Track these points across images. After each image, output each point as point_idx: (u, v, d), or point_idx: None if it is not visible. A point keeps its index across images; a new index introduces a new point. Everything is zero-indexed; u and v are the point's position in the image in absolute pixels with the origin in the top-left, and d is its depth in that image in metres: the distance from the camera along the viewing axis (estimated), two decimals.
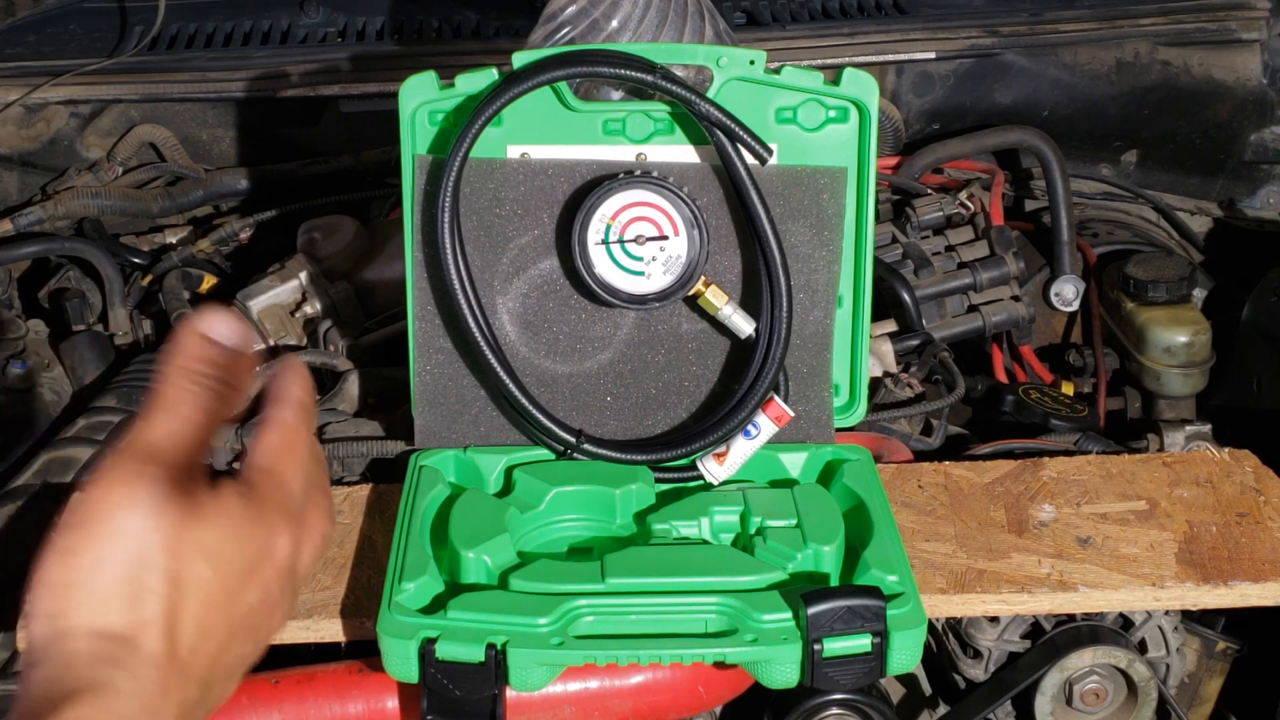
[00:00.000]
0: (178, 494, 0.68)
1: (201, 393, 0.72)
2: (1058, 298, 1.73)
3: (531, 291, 1.33)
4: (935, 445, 1.49)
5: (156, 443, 0.69)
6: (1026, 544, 1.26)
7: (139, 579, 0.66)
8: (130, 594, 0.66)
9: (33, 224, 1.84)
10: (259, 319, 1.67)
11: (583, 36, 1.37)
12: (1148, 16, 1.94)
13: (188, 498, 0.69)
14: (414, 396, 1.34)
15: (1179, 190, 1.99)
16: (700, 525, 1.24)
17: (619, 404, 1.34)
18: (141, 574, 0.66)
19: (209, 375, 0.73)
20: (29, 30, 2.03)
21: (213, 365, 0.73)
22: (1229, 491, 1.32)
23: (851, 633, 1.09)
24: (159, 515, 0.67)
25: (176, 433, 0.70)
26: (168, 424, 0.70)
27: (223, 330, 0.74)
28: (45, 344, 1.75)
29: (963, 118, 1.92)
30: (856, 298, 1.36)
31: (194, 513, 0.69)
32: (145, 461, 0.68)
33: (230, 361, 0.74)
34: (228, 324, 0.75)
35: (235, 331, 0.75)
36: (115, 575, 0.66)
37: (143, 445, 0.69)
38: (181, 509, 0.68)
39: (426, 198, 1.29)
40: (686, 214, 1.28)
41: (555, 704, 1.20)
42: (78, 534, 0.67)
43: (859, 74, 1.30)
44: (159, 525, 0.67)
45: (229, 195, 1.94)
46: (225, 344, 0.74)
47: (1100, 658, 1.30)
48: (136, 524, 0.67)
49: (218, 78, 1.91)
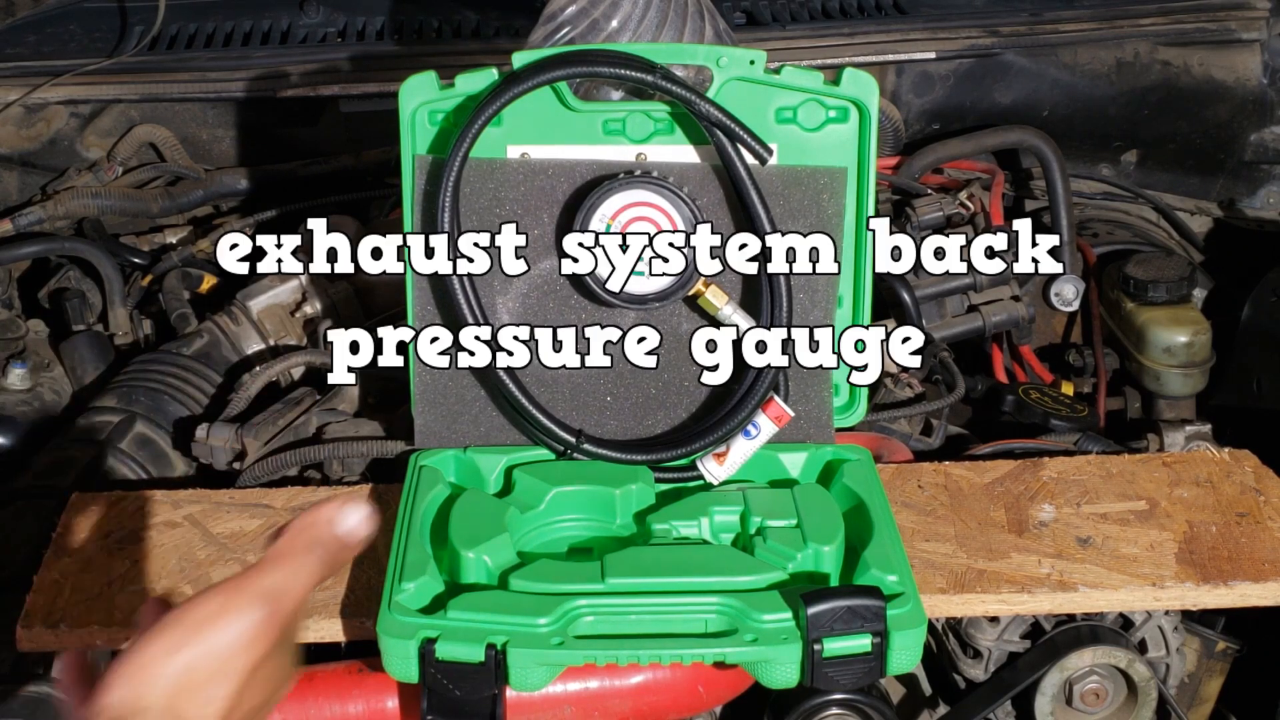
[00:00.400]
0: (265, 630, 0.82)
1: (316, 561, 0.86)
2: (1058, 298, 1.73)
3: (531, 291, 1.33)
4: (935, 445, 1.49)
5: (269, 588, 0.83)
6: (1026, 544, 1.26)
7: (214, 685, 0.80)
8: (206, 694, 0.80)
9: (33, 224, 1.84)
10: (259, 319, 1.67)
11: (583, 36, 1.37)
12: (1148, 16, 1.94)
13: (268, 637, 0.83)
14: (414, 396, 1.34)
15: (1179, 190, 1.99)
16: (700, 525, 1.24)
17: (619, 404, 1.34)
18: (218, 682, 0.80)
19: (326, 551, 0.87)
20: (29, 30, 2.03)
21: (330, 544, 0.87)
22: (1229, 491, 1.32)
23: (851, 633, 1.09)
24: (252, 644, 0.82)
25: (288, 587, 0.84)
26: (283, 577, 0.84)
27: (354, 522, 0.88)
28: (45, 344, 1.75)
29: (963, 118, 1.92)
30: (856, 298, 1.36)
31: (269, 649, 0.83)
32: (257, 598, 0.83)
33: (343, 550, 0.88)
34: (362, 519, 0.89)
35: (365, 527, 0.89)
36: (202, 675, 0.80)
37: (260, 586, 0.83)
38: (264, 646, 0.82)
39: (426, 198, 1.29)
40: (686, 214, 1.28)
41: (555, 704, 1.20)
42: (185, 632, 0.80)
43: (859, 74, 1.30)
44: (248, 651, 0.81)
45: (229, 195, 1.95)
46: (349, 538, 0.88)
47: (1100, 658, 1.30)
48: (232, 642, 0.81)
49: (218, 78, 1.91)
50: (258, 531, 1.29)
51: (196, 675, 0.80)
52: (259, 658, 0.82)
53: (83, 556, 1.26)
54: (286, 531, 0.87)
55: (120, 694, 0.79)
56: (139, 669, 0.79)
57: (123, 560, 1.26)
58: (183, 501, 1.34)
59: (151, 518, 1.31)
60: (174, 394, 1.57)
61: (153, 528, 1.30)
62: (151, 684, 0.79)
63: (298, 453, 1.42)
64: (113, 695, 0.79)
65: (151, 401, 1.54)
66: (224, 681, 0.81)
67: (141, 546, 1.28)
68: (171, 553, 1.27)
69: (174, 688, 0.79)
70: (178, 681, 0.79)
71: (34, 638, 1.19)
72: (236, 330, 1.66)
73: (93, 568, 1.25)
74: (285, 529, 0.88)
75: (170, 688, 0.79)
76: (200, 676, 0.80)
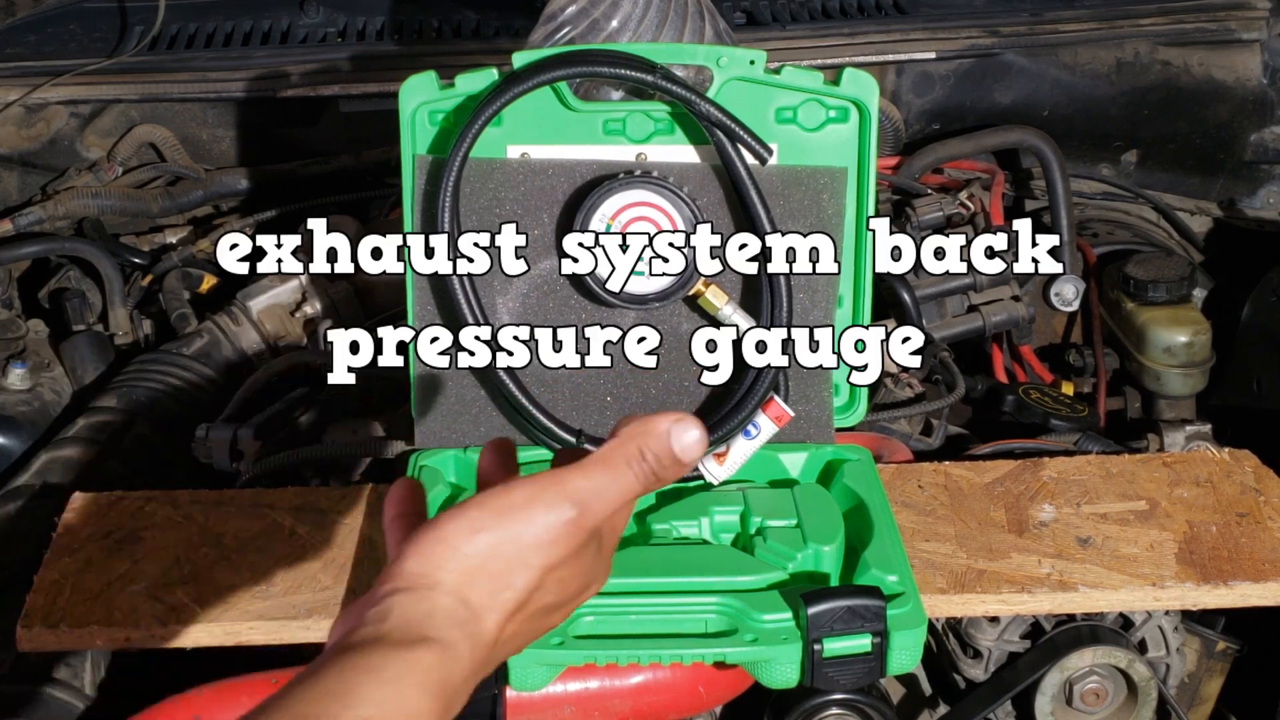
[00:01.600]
0: (571, 531, 0.79)
1: (641, 475, 0.82)
2: (1058, 298, 1.73)
3: (531, 291, 1.33)
4: (935, 445, 1.49)
5: (583, 490, 0.80)
6: (1026, 544, 1.26)
7: (510, 574, 0.78)
8: (500, 583, 0.78)
9: (33, 224, 1.84)
10: (259, 319, 1.67)
11: (583, 36, 1.37)
12: (1148, 16, 1.94)
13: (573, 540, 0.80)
14: (414, 397, 1.34)
15: (1179, 190, 1.98)
16: (700, 525, 1.24)
17: (619, 404, 1.34)
18: (514, 572, 0.78)
19: (654, 467, 0.82)
20: (29, 30, 2.02)
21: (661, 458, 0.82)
22: (1229, 491, 1.32)
23: (851, 633, 1.09)
24: (554, 543, 0.79)
25: (603, 493, 0.81)
26: (601, 483, 0.81)
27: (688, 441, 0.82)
28: (45, 344, 1.75)
29: (963, 118, 1.92)
30: (856, 298, 1.36)
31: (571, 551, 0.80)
32: (568, 497, 0.79)
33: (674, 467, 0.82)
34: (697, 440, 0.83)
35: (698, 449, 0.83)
36: (499, 563, 0.77)
37: (574, 485, 0.80)
38: (566, 547, 0.80)
39: (426, 198, 1.29)
40: (686, 214, 1.28)
41: (555, 704, 1.20)
42: (490, 515, 0.78)
43: (859, 74, 1.30)
44: (549, 548, 0.79)
45: (229, 195, 1.94)
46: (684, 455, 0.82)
47: (1100, 658, 1.30)
48: (535, 536, 0.78)
49: (218, 78, 1.91)
50: (258, 531, 1.29)
51: (493, 561, 0.77)
52: (560, 558, 0.79)
53: (83, 556, 1.26)
54: (616, 436, 0.83)
55: (415, 563, 0.77)
56: (437, 542, 0.77)
57: (123, 560, 1.26)
58: (183, 501, 1.34)
59: (151, 518, 1.31)
60: (174, 394, 1.57)
61: (153, 528, 1.30)
62: (448, 559, 0.77)
63: (298, 452, 1.42)
64: (407, 563, 0.77)
65: (151, 401, 1.54)
66: (520, 573, 0.78)
67: (141, 546, 1.28)
68: (171, 553, 1.27)
69: (468, 569, 0.77)
70: (473, 563, 0.77)
71: (34, 638, 1.19)
72: (236, 330, 1.66)
73: (93, 568, 1.25)
74: (617, 431, 0.83)
75: (464, 568, 0.77)
76: (497, 563, 0.77)
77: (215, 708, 1.16)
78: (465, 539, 0.77)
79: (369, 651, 0.73)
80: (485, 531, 0.77)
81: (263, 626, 1.19)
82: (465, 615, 0.76)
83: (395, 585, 0.76)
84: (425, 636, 0.74)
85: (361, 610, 0.76)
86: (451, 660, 0.75)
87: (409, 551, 0.78)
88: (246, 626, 1.19)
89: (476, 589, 0.77)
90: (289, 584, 1.23)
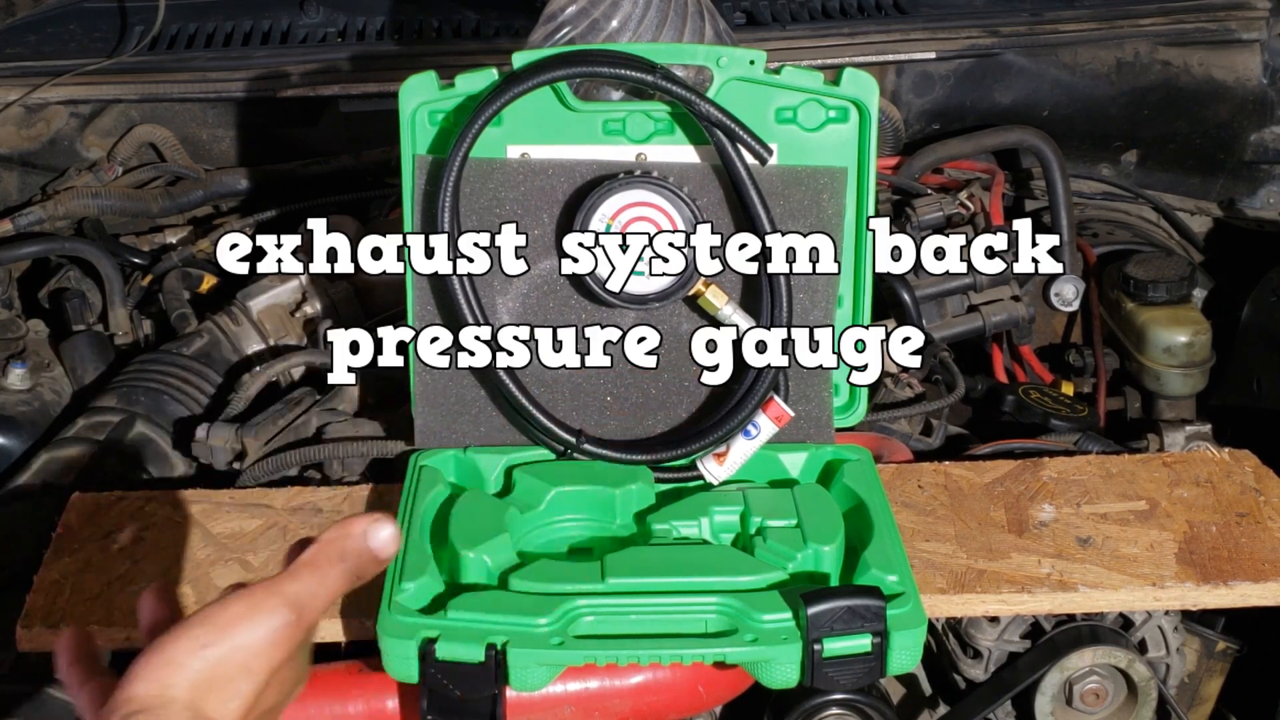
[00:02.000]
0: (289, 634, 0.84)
1: (345, 574, 0.88)
2: (1058, 298, 1.73)
3: (531, 291, 1.33)
4: (935, 445, 1.49)
5: (297, 594, 0.85)
6: (1026, 544, 1.26)
7: (237, 682, 0.82)
8: (229, 692, 0.81)
9: (33, 224, 1.84)
10: (259, 319, 1.67)
11: (583, 36, 1.37)
12: (1148, 16, 1.94)
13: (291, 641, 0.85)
14: (414, 396, 1.34)
15: (1179, 190, 1.99)
16: (700, 525, 1.24)
17: (619, 404, 1.34)
18: (241, 679, 0.82)
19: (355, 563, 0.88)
20: (29, 30, 2.03)
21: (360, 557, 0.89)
22: (1229, 491, 1.32)
23: (851, 633, 1.09)
24: (275, 646, 0.83)
25: (316, 593, 0.86)
26: (311, 585, 0.86)
27: (384, 538, 0.89)
28: (45, 344, 1.75)
29: (963, 118, 1.92)
30: (856, 298, 1.36)
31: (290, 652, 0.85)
32: (285, 603, 0.84)
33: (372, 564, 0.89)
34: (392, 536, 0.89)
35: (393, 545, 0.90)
36: (226, 673, 0.81)
37: (288, 591, 0.85)
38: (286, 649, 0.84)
39: (426, 198, 1.29)
40: (686, 214, 1.28)
41: (555, 704, 1.20)
42: (212, 630, 0.82)
43: (859, 74, 1.30)
44: (271, 652, 0.83)
45: (229, 195, 1.94)
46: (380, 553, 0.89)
47: (1100, 658, 1.30)
48: (257, 643, 0.83)
49: (218, 78, 1.91)
50: (258, 531, 1.29)
51: (221, 672, 0.81)
52: (281, 660, 0.84)
53: (83, 556, 1.26)
54: (317, 541, 0.89)
55: (145, 687, 0.80)
56: (165, 663, 0.80)
57: (123, 560, 1.26)
58: (183, 501, 1.34)
59: (151, 518, 1.31)
60: (174, 394, 1.57)
61: (153, 528, 1.30)
62: (177, 678, 0.80)
63: (298, 453, 1.42)
64: (136, 688, 0.79)
65: (151, 401, 1.54)
66: (247, 680, 0.82)
67: (141, 546, 1.28)
68: (171, 553, 1.27)
69: (199, 683, 0.80)
70: (203, 677, 0.80)
71: (34, 638, 1.19)
72: (236, 330, 1.66)
73: (93, 568, 1.25)
74: (315, 539, 0.89)
75: (195, 683, 0.80)
76: (225, 674, 0.81)
77: None
78: (192, 655, 0.81)
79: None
80: (211, 646, 0.81)
81: None
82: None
83: (129, 710, 0.79)
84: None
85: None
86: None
87: (138, 675, 0.80)
88: None
89: (209, 701, 0.80)
90: None
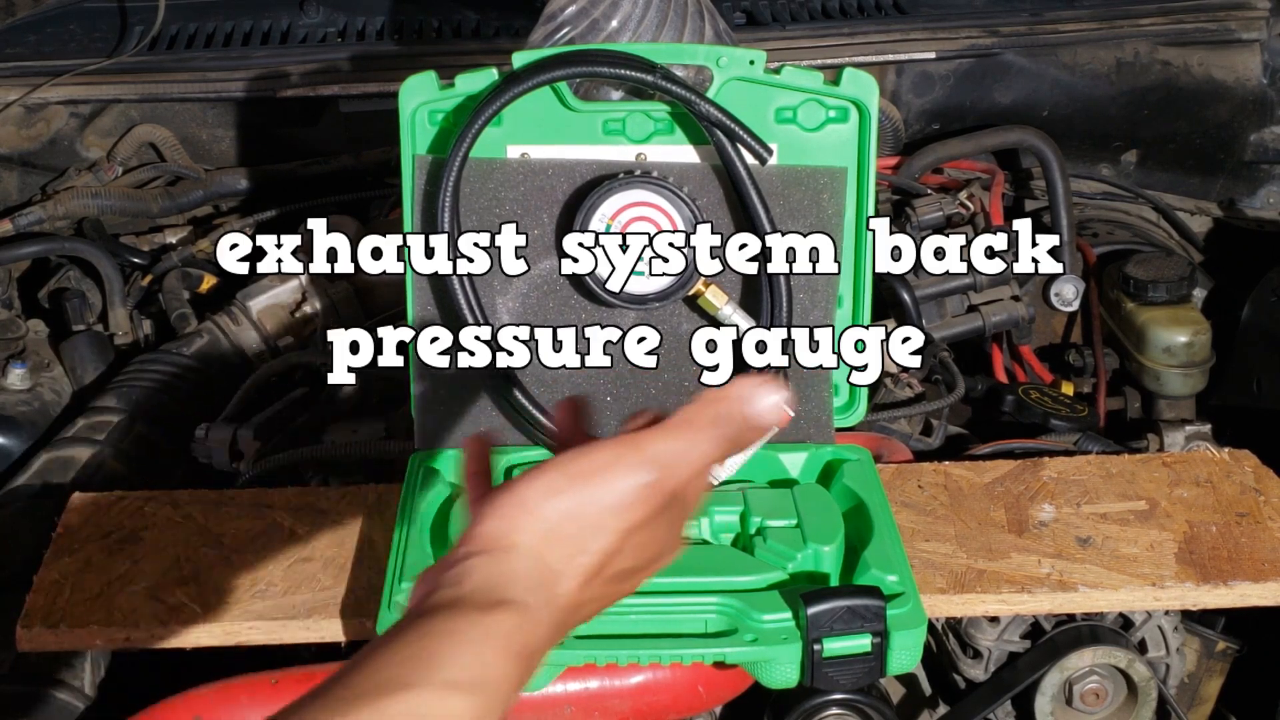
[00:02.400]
0: (649, 495, 0.79)
1: (720, 440, 0.81)
2: (1058, 298, 1.73)
3: (531, 291, 1.33)
4: (935, 445, 1.49)
5: (663, 453, 0.80)
6: (1026, 544, 1.26)
7: (587, 538, 0.77)
8: (577, 547, 0.77)
9: (33, 224, 1.84)
10: (259, 319, 1.67)
11: (583, 36, 1.37)
12: (1148, 16, 1.94)
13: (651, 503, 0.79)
14: (414, 397, 1.34)
15: (1179, 190, 1.98)
16: (700, 525, 1.24)
17: (619, 404, 1.34)
18: (592, 536, 0.77)
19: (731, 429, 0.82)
20: (29, 30, 2.02)
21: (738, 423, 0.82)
22: (1229, 491, 1.32)
23: (851, 633, 1.09)
24: (632, 507, 0.78)
25: (683, 456, 0.80)
26: (681, 446, 0.80)
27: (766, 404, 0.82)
28: (45, 344, 1.75)
29: (963, 118, 1.92)
30: (856, 298, 1.36)
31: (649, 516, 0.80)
32: (648, 460, 0.79)
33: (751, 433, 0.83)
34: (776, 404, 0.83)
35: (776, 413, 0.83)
36: (576, 527, 0.77)
37: (654, 449, 0.79)
38: (644, 511, 0.79)
39: (426, 198, 1.29)
40: (686, 214, 1.28)
41: (555, 704, 1.20)
42: (568, 478, 0.78)
43: (859, 74, 1.30)
44: (627, 512, 0.78)
45: (229, 195, 1.94)
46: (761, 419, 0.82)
47: (1100, 658, 1.30)
48: (613, 500, 0.78)
49: (218, 78, 1.91)
50: (258, 531, 1.29)
51: (571, 524, 0.77)
52: (638, 521, 0.79)
53: (83, 556, 1.26)
54: (696, 401, 0.82)
55: (494, 525, 0.77)
56: (517, 505, 0.77)
57: (123, 560, 1.26)
58: (183, 501, 1.34)
59: (151, 518, 1.31)
60: (174, 394, 1.57)
61: (153, 528, 1.30)
62: (526, 522, 0.77)
63: (298, 453, 1.42)
64: (486, 525, 0.77)
65: (151, 401, 1.54)
66: (597, 537, 0.78)
67: (141, 546, 1.28)
68: (171, 553, 1.27)
69: (547, 532, 0.77)
70: (552, 526, 0.77)
71: (34, 638, 1.19)
72: (236, 330, 1.66)
73: (93, 568, 1.25)
74: (698, 397, 0.83)
75: (543, 531, 0.77)
76: (575, 526, 0.77)
77: (215, 708, 1.16)
78: (543, 502, 0.77)
79: (449, 615, 0.73)
80: (563, 495, 0.77)
81: (262, 626, 1.19)
82: (544, 578, 0.76)
83: (473, 548, 0.76)
84: (504, 599, 0.74)
85: (439, 573, 0.76)
86: (531, 624, 0.75)
87: (487, 513, 0.77)
88: (246, 626, 1.19)
89: (554, 552, 0.77)
90: (289, 584, 1.23)
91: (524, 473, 0.79)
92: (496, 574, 0.75)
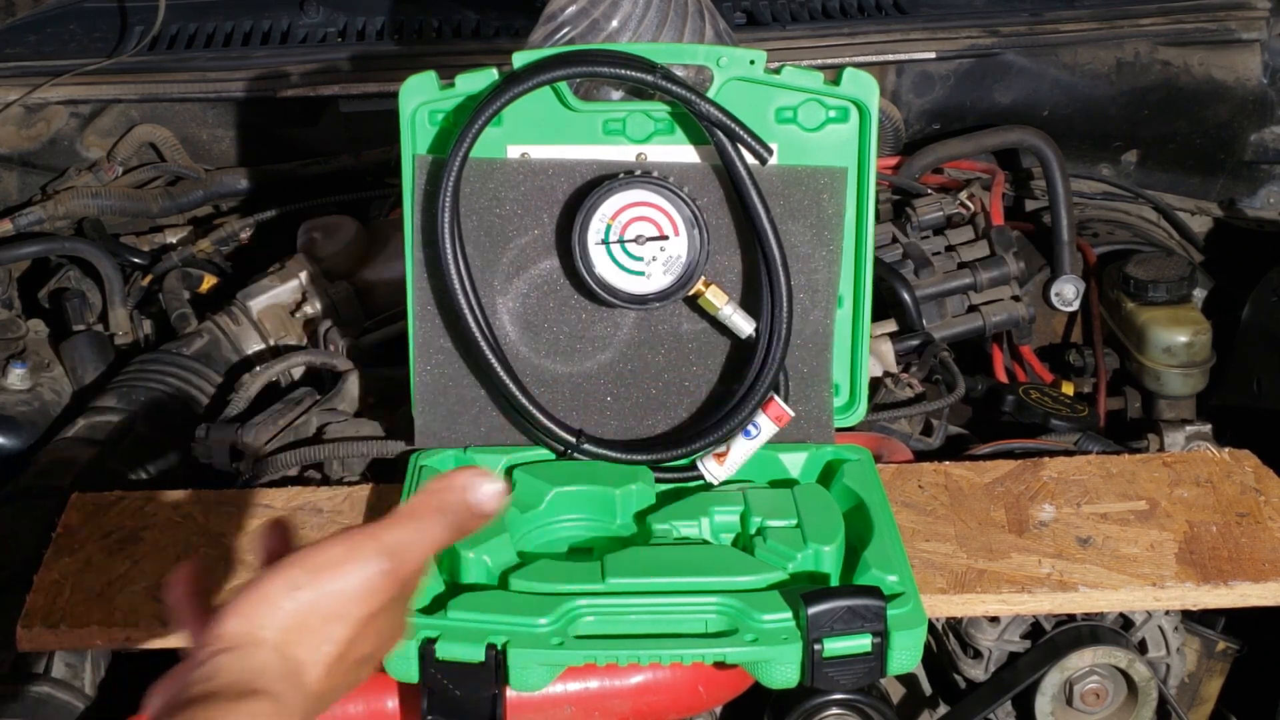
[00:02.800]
0: (385, 583, 0.83)
1: (444, 524, 0.86)
2: (1058, 298, 1.74)
3: (531, 291, 1.33)
4: (935, 445, 1.49)
5: (395, 542, 0.84)
6: (1026, 544, 1.26)
7: (330, 628, 0.81)
8: (321, 637, 0.81)
9: (33, 224, 1.84)
10: (259, 319, 1.67)
11: (583, 36, 1.37)
12: (1148, 16, 1.94)
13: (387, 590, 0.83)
14: (414, 396, 1.34)
15: (1179, 190, 1.99)
16: (700, 525, 1.24)
17: (619, 404, 1.34)
18: (333, 625, 0.81)
19: (456, 517, 0.87)
20: (29, 30, 2.03)
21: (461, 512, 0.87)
22: (1229, 491, 1.32)
23: (851, 633, 1.09)
24: (370, 594, 0.82)
25: (414, 544, 0.85)
26: (410, 535, 0.85)
27: (486, 493, 0.88)
28: (45, 344, 1.75)
29: (963, 118, 1.92)
30: (857, 298, 1.36)
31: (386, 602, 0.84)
32: (383, 549, 0.83)
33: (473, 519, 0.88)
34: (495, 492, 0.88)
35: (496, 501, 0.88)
36: (319, 618, 0.81)
37: (386, 538, 0.84)
38: (382, 598, 0.83)
39: (426, 198, 1.29)
40: (686, 214, 1.28)
41: (555, 704, 1.20)
42: (308, 573, 0.81)
43: (859, 74, 1.30)
44: (366, 600, 0.82)
45: (229, 195, 1.95)
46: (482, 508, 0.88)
47: (1100, 658, 1.30)
48: (353, 589, 0.82)
49: (218, 78, 1.91)
50: (258, 531, 1.29)
51: (313, 616, 0.80)
52: (375, 609, 0.83)
53: (83, 556, 1.26)
54: (420, 491, 0.88)
55: (237, 624, 0.79)
56: (259, 601, 0.80)
57: (123, 560, 1.26)
58: (183, 501, 1.34)
59: (151, 518, 1.31)
60: (174, 394, 1.57)
61: (153, 528, 1.30)
62: (269, 618, 0.79)
63: (298, 453, 1.42)
64: (229, 624, 0.79)
65: (151, 401, 1.54)
66: (339, 626, 0.81)
67: (141, 546, 1.28)
68: (171, 553, 1.27)
69: (290, 625, 0.80)
70: (294, 619, 0.80)
71: (34, 638, 1.19)
72: (236, 330, 1.66)
73: (93, 568, 1.25)
74: (421, 488, 0.87)
75: (287, 624, 0.80)
76: (317, 618, 0.80)
77: None
78: (286, 596, 0.80)
79: (204, 707, 0.75)
80: (305, 588, 0.80)
81: None
82: (291, 670, 0.79)
83: (219, 646, 0.79)
84: (255, 690, 0.77)
85: (184, 673, 0.78)
86: (283, 711, 0.78)
87: (231, 612, 0.80)
88: None
89: (299, 644, 0.80)
90: None
91: (265, 570, 0.81)
92: (245, 668, 0.78)
